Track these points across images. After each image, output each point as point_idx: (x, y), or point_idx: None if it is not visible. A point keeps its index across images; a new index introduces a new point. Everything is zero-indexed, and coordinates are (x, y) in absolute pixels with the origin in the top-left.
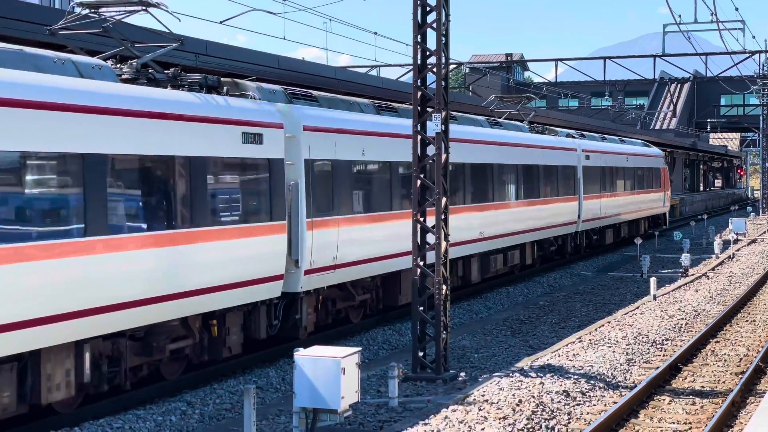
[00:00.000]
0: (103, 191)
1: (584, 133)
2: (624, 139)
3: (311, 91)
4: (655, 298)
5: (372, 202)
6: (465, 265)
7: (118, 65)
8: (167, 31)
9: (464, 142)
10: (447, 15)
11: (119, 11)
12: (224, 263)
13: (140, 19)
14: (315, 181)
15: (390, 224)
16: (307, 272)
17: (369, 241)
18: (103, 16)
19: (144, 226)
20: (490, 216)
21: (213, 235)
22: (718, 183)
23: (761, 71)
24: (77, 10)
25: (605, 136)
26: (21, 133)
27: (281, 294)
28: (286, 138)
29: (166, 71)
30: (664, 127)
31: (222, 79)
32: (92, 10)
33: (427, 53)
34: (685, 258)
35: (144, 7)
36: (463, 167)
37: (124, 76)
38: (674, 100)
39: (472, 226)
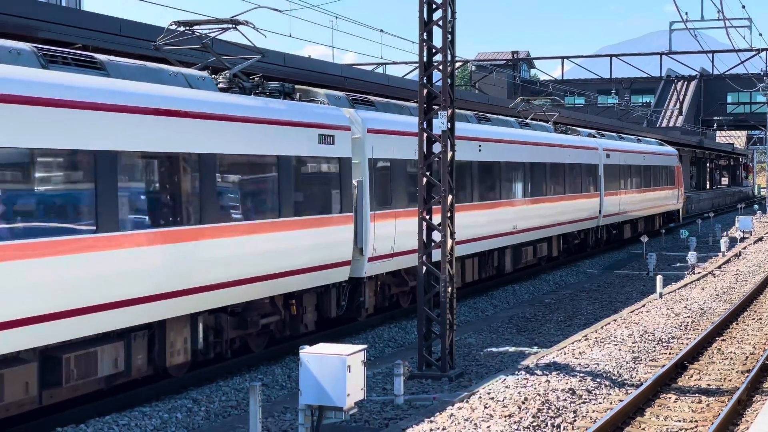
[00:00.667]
0: (213, 186)
1: (604, 132)
2: (640, 138)
3: (369, 97)
4: (661, 296)
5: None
6: (500, 256)
7: (213, 76)
8: (251, 45)
9: (499, 143)
10: (453, 12)
11: (212, 29)
12: (304, 249)
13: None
14: (376, 177)
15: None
16: (370, 259)
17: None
18: (197, 33)
19: (242, 216)
20: (523, 211)
21: (297, 225)
22: (725, 181)
23: None
24: (173, 27)
25: (623, 135)
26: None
27: (348, 278)
28: (352, 139)
29: (250, 78)
30: (671, 124)
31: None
32: (188, 28)
33: (433, 51)
34: (691, 256)
35: (234, 25)
36: (499, 165)
37: (220, 86)
38: (681, 97)
39: (506, 220)
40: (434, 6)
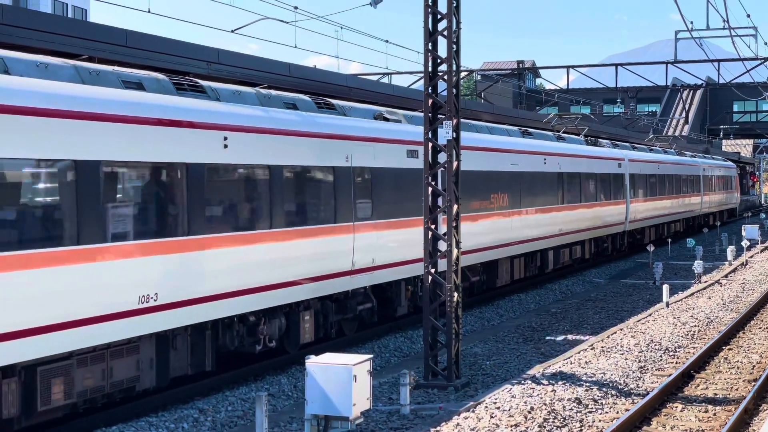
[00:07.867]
0: (641, 182)
1: (698, 153)
2: (714, 156)
3: (614, 141)
4: (667, 305)
5: (647, 191)
6: (662, 228)
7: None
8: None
9: (668, 164)
10: (458, 22)
11: (564, 120)
12: (613, 215)
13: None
14: (632, 183)
15: (655, 203)
16: (630, 222)
17: (647, 210)
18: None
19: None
20: (671, 203)
21: (597, 205)
22: None
23: None
24: (553, 117)
25: (706, 156)
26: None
27: (623, 231)
28: (623, 164)
29: (585, 136)
30: (677, 133)
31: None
32: (559, 119)
33: (439, 61)
34: (697, 265)
35: (580, 116)
36: (665, 177)
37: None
38: (686, 106)
39: (665, 208)
40: (439, 16)
